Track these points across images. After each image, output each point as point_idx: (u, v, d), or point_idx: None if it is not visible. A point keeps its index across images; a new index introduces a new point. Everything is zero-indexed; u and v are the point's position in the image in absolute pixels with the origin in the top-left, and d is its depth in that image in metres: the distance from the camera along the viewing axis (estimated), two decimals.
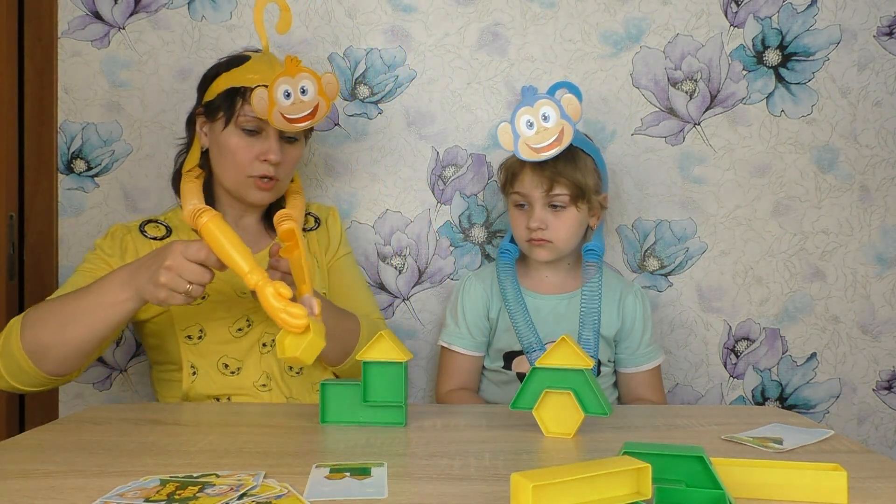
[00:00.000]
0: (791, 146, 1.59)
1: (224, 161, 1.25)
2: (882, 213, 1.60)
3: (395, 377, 0.97)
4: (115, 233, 1.27)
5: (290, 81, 1.16)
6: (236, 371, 1.22)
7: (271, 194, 1.28)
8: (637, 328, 1.41)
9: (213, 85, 1.25)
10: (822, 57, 1.58)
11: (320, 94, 1.18)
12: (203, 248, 1.00)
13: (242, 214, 1.34)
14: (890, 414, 1.60)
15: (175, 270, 0.99)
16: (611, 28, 1.58)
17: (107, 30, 1.54)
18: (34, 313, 1.07)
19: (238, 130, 1.23)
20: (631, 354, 1.42)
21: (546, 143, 1.26)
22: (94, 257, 1.23)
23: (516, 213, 1.38)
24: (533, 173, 1.33)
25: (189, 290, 0.99)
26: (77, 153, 1.55)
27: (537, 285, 1.42)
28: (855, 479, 0.72)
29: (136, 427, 0.97)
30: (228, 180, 1.27)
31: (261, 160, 1.23)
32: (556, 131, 1.25)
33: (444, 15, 1.57)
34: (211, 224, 1.03)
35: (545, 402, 0.93)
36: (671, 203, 1.59)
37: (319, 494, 0.70)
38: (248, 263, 1.00)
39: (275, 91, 1.15)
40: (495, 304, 1.42)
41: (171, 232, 1.29)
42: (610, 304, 1.40)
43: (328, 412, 1.00)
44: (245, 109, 1.21)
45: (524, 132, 1.26)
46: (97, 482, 0.73)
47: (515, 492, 0.61)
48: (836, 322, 1.60)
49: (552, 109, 1.25)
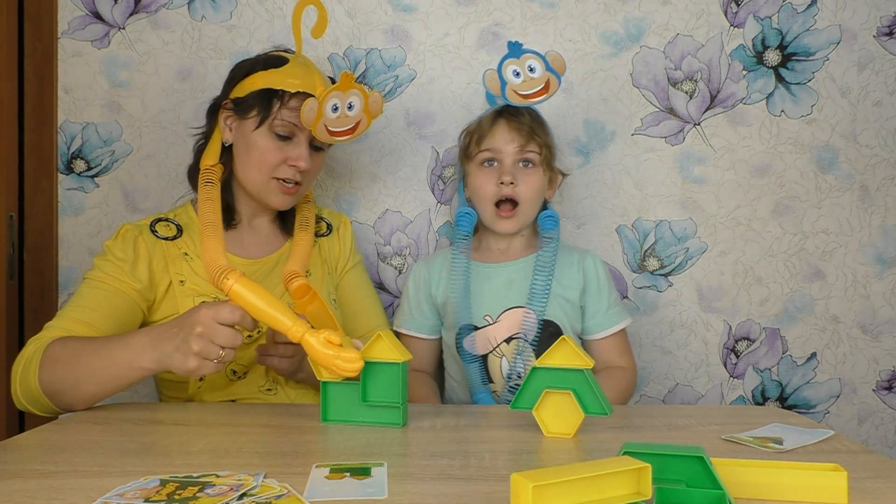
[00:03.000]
0: (791, 146, 1.59)
1: (250, 161, 1.23)
2: (882, 213, 1.60)
3: (394, 377, 0.97)
4: (125, 234, 1.22)
5: (341, 96, 1.17)
6: (243, 375, 1.22)
7: (293, 199, 1.28)
8: (602, 289, 1.38)
9: (247, 81, 1.23)
10: (822, 57, 1.58)
11: (364, 111, 1.20)
12: (236, 310, 0.95)
13: (256, 214, 1.33)
14: (890, 414, 1.60)
15: (207, 337, 0.93)
16: (611, 28, 1.58)
17: (107, 30, 1.54)
18: (52, 352, 1.03)
19: (270, 133, 1.21)
20: (596, 318, 1.37)
21: (534, 90, 1.31)
22: (106, 264, 1.18)
23: (482, 171, 1.36)
24: (509, 129, 1.34)
25: (222, 356, 0.94)
26: (77, 153, 1.55)
27: (488, 256, 1.41)
28: (855, 479, 0.72)
29: (136, 427, 0.97)
30: (251, 181, 1.25)
31: (289, 165, 1.23)
32: (542, 81, 1.30)
33: (444, 15, 1.57)
34: (238, 287, 0.97)
35: (545, 402, 0.93)
36: (671, 203, 1.59)
37: (319, 494, 0.70)
38: (288, 318, 0.96)
39: (325, 104, 1.15)
40: (436, 283, 1.41)
41: (182, 231, 1.26)
42: (570, 265, 1.38)
43: (329, 411, 1.00)
44: (282, 114, 1.20)
45: (511, 80, 1.31)
46: (97, 482, 0.73)
47: (515, 492, 0.61)
48: (836, 322, 1.60)
49: (537, 62, 1.30)
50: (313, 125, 1.16)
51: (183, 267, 1.22)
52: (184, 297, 1.20)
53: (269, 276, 1.28)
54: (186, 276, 1.22)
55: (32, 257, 1.53)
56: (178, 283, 1.21)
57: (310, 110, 1.15)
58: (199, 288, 1.21)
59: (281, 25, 1.55)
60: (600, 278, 1.39)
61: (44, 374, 1.02)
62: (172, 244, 1.24)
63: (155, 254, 1.21)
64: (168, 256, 1.22)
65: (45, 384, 1.03)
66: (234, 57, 1.54)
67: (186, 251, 1.24)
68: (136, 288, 1.18)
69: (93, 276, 1.17)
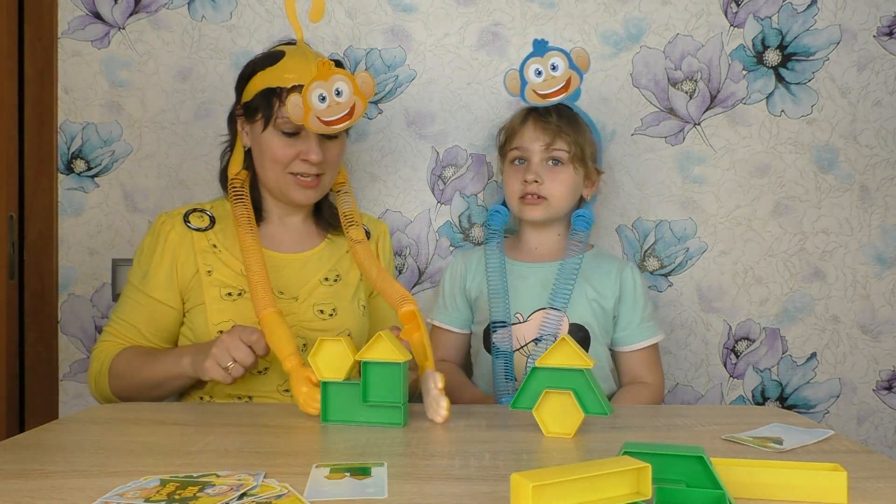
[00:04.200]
0: (791, 146, 1.59)
1: (265, 162, 1.25)
2: (882, 213, 1.60)
3: (394, 377, 0.97)
4: (159, 229, 1.27)
5: (324, 85, 1.14)
6: (263, 371, 1.22)
7: (315, 192, 1.28)
8: (638, 302, 1.37)
9: (250, 84, 1.24)
10: (822, 57, 1.58)
11: (356, 94, 1.17)
12: (255, 332, 1.08)
13: (287, 213, 1.33)
14: (890, 414, 1.60)
15: (226, 346, 1.07)
16: (611, 28, 1.58)
17: (107, 30, 1.54)
18: (116, 370, 1.20)
19: (277, 132, 1.22)
20: (632, 330, 1.37)
21: (553, 89, 1.30)
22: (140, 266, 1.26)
23: (512, 169, 1.37)
24: (535, 127, 1.34)
25: (230, 368, 1.06)
26: (77, 153, 1.55)
27: (525, 255, 1.41)
28: (855, 479, 0.72)
29: (136, 427, 0.97)
30: (270, 181, 1.27)
31: (301, 160, 1.23)
32: (563, 79, 1.29)
33: (444, 15, 1.57)
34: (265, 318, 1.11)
35: (545, 402, 0.93)
36: (671, 203, 1.59)
37: (319, 494, 0.70)
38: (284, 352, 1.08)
39: (309, 96, 1.14)
40: (472, 276, 1.42)
41: (215, 222, 1.28)
42: (608, 273, 1.38)
43: (329, 411, 1.00)
44: (282, 111, 1.20)
45: (532, 79, 1.30)
46: (97, 482, 0.73)
47: (515, 492, 0.61)
48: (836, 322, 1.60)
49: (561, 59, 1.28)
50: (304, 119, 1.15)
51: (210, 258, 1.25)
52: (210, 286, 1.22)
53: (302, 271, 1.29)
54: (214, 266, 1.24)
55: (32, 257, 1.53)
56: (206, 274, 1.23)
57: (295, 106, 1.14)
58: (225, 279, 1.23)
59: (281, 25, 1.55)
60: (636, 291, 1.38)
61: (113, 387, 1.21)
62: (203, 235, 1.26)
63: (182, 246, 1.25)
64: (197, 248, 1.25)
65: (115, 392, 1.21)
66: (234, 57, 1.54)
67: (216, 243, 1.26)
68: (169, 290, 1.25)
69: (132, 282, 1.27)
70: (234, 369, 1.06)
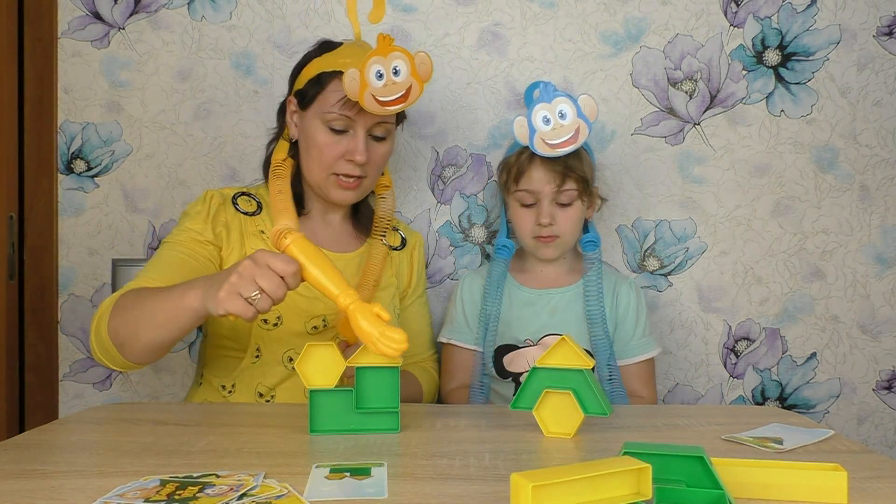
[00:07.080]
0: (791, 146, 1.59)
1: (310, 157, 1.23)
2: (882, 213, 1.60)
3: (389, 382, 0.95)
4: (211, 198, 1.23)
5: (383, 61, 1.09)
6: (278, 323, 1.20)
7: (355, 194, 1.26)
8: (630, 318, 1.40)
9: (304, 71, 1.22)
10: (821, 57, 1.59)
11: (413, 76, 1.11)
12: (292, 262, 0.92)
13: (328, 210, 1.32)
14: (890, 414, 1.60)
15: (250, 274, 0.89)
16: (611, 28, 1.58)
17: (107, 30, 1.54)
18: (122, 301, 1.04)
19: (326, 128, 1.20)
20: (624, 345, 1.40)
21: (562, 139, 1.28)
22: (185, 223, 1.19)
23: (521, 211, 1.38)
24: (544, 169, 1.33)
25: (254, 298, 0.88)
26: (77, 153, 1.55)
27: (532, 280, 1.42)
28: (855, 479, 0.72)
29: (136, 427, 0.97)
30: (312, 176, 1.25)
31: (347, 160, 1.21)
32: (572, 128, 1.28)
33: (444, 15, 1.57)
34: (294, 247, 0.96)
35: (545, 402, 0.93)
36: (671, 203, 1.59)
37: (319, 494, 0.69)
38: (336, 286, 0.94)
39: (367, 71, 1.08)
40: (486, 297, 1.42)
41: (262, 208, 1.27)
42: (605, 294, 1.40)
43: (317, 421, 0.94)
44: (333, 104, 1.17)
45: (540, 127, 1.29)
46: (97, 482, 0.73)
47: (515, 492, 0.61)
48: (836, 322, 1.60)
49: (569, 107, 1.27)
50: (359, 95, 1.10)
51: (258, 244, 1.23)
52: None
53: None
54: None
55: (32, 257, 1.53)
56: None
57: (351, 80, 1.08)
58: None
59: (281, 25, 1.55)
60: (631, 307, 1.40)
61: (112, 322, 1.03)
62: (251, 220, 1.25)
63: (233, 227, 1.22)
64: (245, 232, 1.23)
65: (112, 332, 1.03)
66: (234, 57, 1.54)
67: (263, 229, 1.25)
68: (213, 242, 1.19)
69: (170, 239, 1.18)
70: (261, 301, 0.89)
